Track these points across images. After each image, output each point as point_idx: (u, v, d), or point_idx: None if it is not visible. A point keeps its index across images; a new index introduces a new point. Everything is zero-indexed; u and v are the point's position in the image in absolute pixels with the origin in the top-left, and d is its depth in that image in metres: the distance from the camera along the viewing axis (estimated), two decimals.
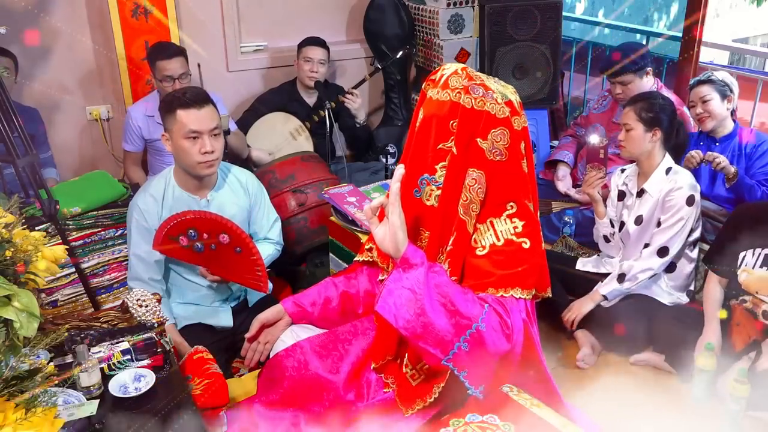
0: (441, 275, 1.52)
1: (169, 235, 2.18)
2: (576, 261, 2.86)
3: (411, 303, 1.45)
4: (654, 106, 2.55)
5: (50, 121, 3.57)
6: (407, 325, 1.44)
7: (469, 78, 1.57)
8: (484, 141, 1.56)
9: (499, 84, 1.62)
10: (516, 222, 1.59)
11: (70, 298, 2.57)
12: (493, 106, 1.56)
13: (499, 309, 1.54)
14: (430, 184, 1.61)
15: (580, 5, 11.03)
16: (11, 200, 1.49)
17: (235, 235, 2.19)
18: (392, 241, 1.50)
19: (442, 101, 1.58)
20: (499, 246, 1.58)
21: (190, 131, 2.16)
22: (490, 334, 1.50)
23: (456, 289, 1.52)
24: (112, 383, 1.57)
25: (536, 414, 1.60)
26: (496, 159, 1.57)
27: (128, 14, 3.54)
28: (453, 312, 1.48)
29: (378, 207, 1.53)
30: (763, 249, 2.30)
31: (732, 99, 2.82)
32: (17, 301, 1.23)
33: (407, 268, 1.48)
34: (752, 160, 2.80)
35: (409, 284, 1.46)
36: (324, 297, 1.91)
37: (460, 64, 1.62)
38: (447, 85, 1.58)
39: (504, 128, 1.57)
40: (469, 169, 1.58)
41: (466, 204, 1.58)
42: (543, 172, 3.59)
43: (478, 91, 1.56)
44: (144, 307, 1.82)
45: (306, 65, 3.63)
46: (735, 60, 7.31)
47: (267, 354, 1.90)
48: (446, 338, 1.47)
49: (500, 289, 1.56)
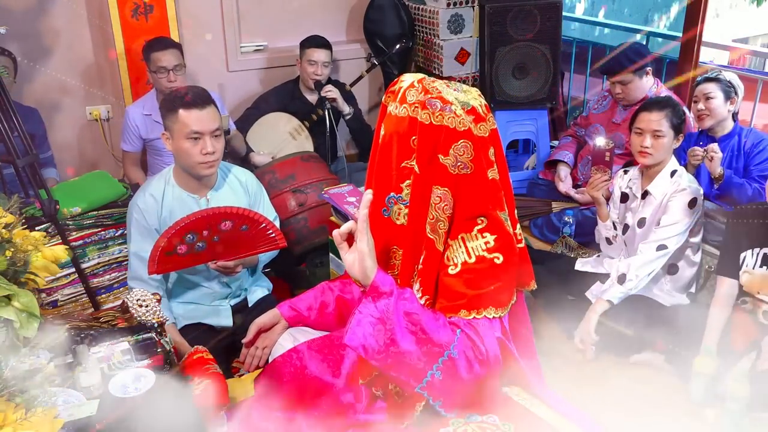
0: (412, 302, 1.49)
1: (166, 251, 2.16)
2: (575, 261, 2.86)
3: (380, 333, 1.42)
4: (679, 112, 2.55)
5: (50, 121, 3.57)
6: (377, 356, 1.42)
7: (425, 91, 1.50)
8: (446, 157, 1.50)
9: (459, 92, 1.55)
10: (487, 237, 1.53)
11: (70, 298, 2.57)
12: (452, 120, 1.49)
13: (471, 334, 1.50)
14: (397, 203, 1.57)
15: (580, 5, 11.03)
16: (11, 200, 1.49)
17: (237, 216, 2.18)
18: (361, 268, 1.46)
19: (400, 117, 1.52)
20: (471, 264, 1.53)
21: (191, 132, 2.16)
22: (463, 361, 1.47)
23: (427, 316, 1.49)
24: (112, 383, 1.57)
25: (536, 414, 1.60)
26: (461, 172, 1.51)
27: (128, 14, 3.55)
28: (424, 340, 1.45)
29: (347, 232, 1.49)
30: (762, 249, 2.30)
31: (735, 101, 2.82)
32: (17, 301, 1.23)
33: (376, 296, 1.45)
34: (750, 158, 2.80)
35: (378, 314, 1.43)
36: (320, 301, 1.91)
37: (418, 75, 1.56)
38: (405, 100, 1.52)
39: (466, 141, 1.50)
40: (434, 187, 1.53)
41: (433, 222, 1.54)
42: (543, 172, 3.59)
43: (436, 104, 1.49)
44: (144, 307, 1.82)
45: (310, 67, 3.61)
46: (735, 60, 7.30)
47: (266, 358, 1.90)
48: (418, 366, 1.44)
49: (473, 311, 1.52)
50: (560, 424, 1.58)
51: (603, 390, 2.39)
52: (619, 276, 2.51)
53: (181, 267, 2.24)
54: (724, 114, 2.82)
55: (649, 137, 2.52)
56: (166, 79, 3.19)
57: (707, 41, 3.60)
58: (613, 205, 2.77)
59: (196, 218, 2.15)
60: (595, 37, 8.30)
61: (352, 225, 1.49)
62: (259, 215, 2.23)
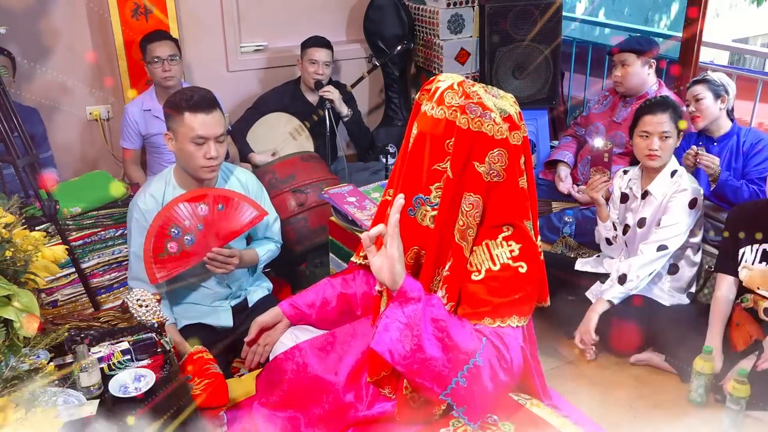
0: (439, 308, 1.48)
1: (158, 253, 2.14)
2: (575, 261, 2.86)
3: (407, 339, 1.41)
4: (679, 111, 2.57)
5: (50, 121, 3.57)
6: (403, 361, 1.41)
7: (465, 95, 1.49)
8: (481, 164, 1.50)
9: (497, 98, 1.54)
10: (512, 245, 1.53)
11: (70, 298, 2.57)
12: (491, 127, 1.48)
13: (497, 342, 1.49)
14: (425, 205, 1.56)
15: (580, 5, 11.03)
16: (11, 200, 1.49)
17: (210, 197, 2.17)
18: (389, 273, 1.45)
19: (436, 119, 1.51)
20: (495, 271, 1.52)
21: (197, 136, 2.14)
22: (488, 369, 1.47)
23: (453, 323, 1.48)
24: (112, 383, 1.57)
25: (536, 414, 1.60)
26: (493, 180, 1.51)
27: (128, 14, 3.55)
28: (450, 347, 1.44)
29: (375, 235, 1.47)
30: (761, 244, 2.30)
31: (726, 99, 2.82)
32: (17, 301, 1.23)
33: (404, 302, 1.44)
34: (748, 158, 2.81)
35: (405, 319, 1.42)
36: (322, 299, 1.90)
37: (457, 77, 1.55)
38: (442, 101, 1.50)
39: (502, 149, 1.49)
40: (465, 194, 1.52)
41: (463, 230, 1.53)
42: (543, 172, 3.59)
43: (476, 110, 1.48)
44: (144, 307, 1.82)
45: (311, 67, 3.61)
46: (735, 60, 7.31)
47: (267, 356, 1.90)
48: (443, 373, 1.43)
49: (497, 319, 1.51)
50: (560, 424, 1.57)
51: (603, 390, 2.39)
52: (620, 276, 2.51)
53: (180, 269, 2.21)
54: (715, 113, 2.82)
55: (656, 139, 2.51)
56: (161, 69, 3.21)
57: (707, 41, 3.60)
58: (612, 206, 2.77)
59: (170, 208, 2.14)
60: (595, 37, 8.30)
61: (382, 229, 1.47)
62: (227, 191, 2.21)
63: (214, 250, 2.22)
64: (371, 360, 1.66)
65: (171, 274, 2.19)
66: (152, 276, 2.15)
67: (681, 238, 2.50)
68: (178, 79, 3.28)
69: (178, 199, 2.17)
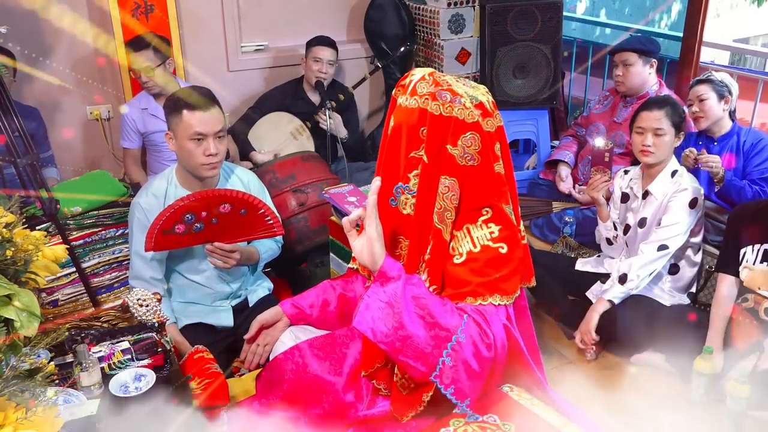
0: (419, 287, 1.51)
1: (164, 229, 2.16)
2: (576, 261, 2.86)
3: (389, 317, 1.44)
4: (679, 110, 2.56)
5: (51, 121, 3.58)
6: (385, 339, 1.44)
7: (435, 83, 1.55)
8: (454, 147, 1.54)
9: (468, 86, 1.60)
10: (492, 227, 1.57)
11: (70, 297, 2.57)
12: (462, 111, 1.53)
13: (478, 318, 1.53)
14: (404, 193, 1.61)
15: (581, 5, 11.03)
16: (11, 200, 1.49)
17: (237, 199, 2.18)
18: (369, 254, 1.49)
19: (410, 108, 1.56)
20: (476, 253, 1.56)
21: (195, 133, 2.16)
22: (470, 346, 1.49)
23: (434, 301, 1.51)
24: (113, 383, 1.57)
25: (536, 414, 1.60)
26: (468, 164, 1.55)
27: (129, 13, 3.55)
28: (432, 324, 1.47)
29: (356, 219, 1.52)
30: (762, 244, 2.30)
31: (730, 100, 2.82)
32: (18, 300, 1.23)
33: (385, 281, 1.48)
34: (749, 158, 2.80)
35: (386, 298, 1.45)
36: (322, 300, 1.91)
37: (428, 69, 1.60)
38: (415, 92, 1.56)
39: (474, 132, 1.54)
40: (441, 177, 1.56)
41: (441, 212, 1.57)
42: (543, 172, 3.59)
43: (446, 96, 1.53)
44: (144, 306, 1.82)
45: (315, 65, 3.62)
46: (735, 60, 7.31)
47: (267, 356, 1.90)
48: (426, 351, 1.46)
49: (478, 298, 1.55)
50: (561, 423, 1.58)
51: (603, 390, 2.38)
52: (620, 276, 2.51)
53: (178, 246, 2.23)
54: (718, 114, 2.82)
55: (650, 135, 2.52)
56: (140, 79, 3.22)
57: (708, 41, 3.60)
58: (613, 206, 2.77)
59: (195, 198, 2.14)
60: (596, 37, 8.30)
61: (360, 212, 1.52)
62: (259, 200, 2.23)
63: (216, 244, 2.23)
64: (364, 351, 1.69)
65: (166, 248, 2.22)
66: (149, 243, 2.16)
67: (681, 237, 2.50)
68: (162, 86, 3.22)
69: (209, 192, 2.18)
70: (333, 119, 3.52)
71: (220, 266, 2.29)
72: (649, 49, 3.13)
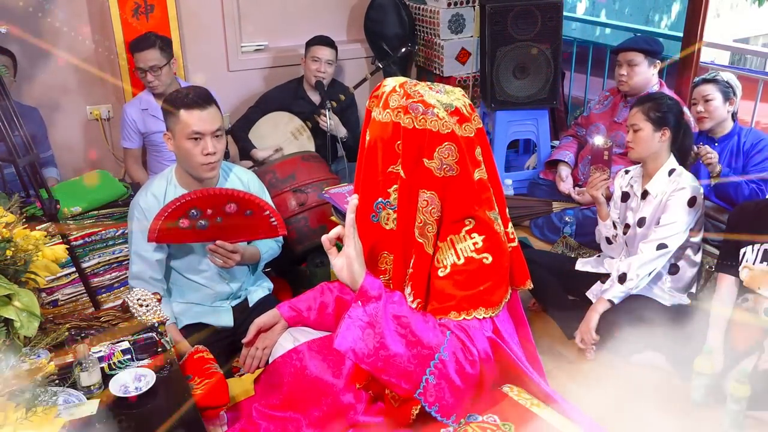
0: (401, 305, 1.49)
1: (168, 221, 2.16)
2: (576, 261, 2.86)
3: (369, 337, 1.43)
4: (662, 106, 2.54)
5: (51, 121, 3.58)
6: (367, 359, 1.43)
7: (407, 95, 1.51)
8: (430, 160, 1.51)
9: (442, 93, 1.55)
10: (475, 237, 1.54)
11: (70, 297, 2.57)
12: (435, 123, 1.49)
13: (461, 335, 1.51)
14: (386, 208, 1.58)
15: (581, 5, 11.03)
16: (12, 200, 1.49)
17: (243, 200, 2.19)
18: (349, 272, 1.47)
19: (384, 122, 1.53)
20: (459, 265, 1.54)
21: (192, 132, 2.16)
22: (453, 364, 1.48)
23: (416, 318, 1.49)
24: (113, 383, 1.57)
25: (536, 414, 1.60)
26: (447, 174, 1.52)
27: (129, 13, 3.55)
28: (414, 342, 1.46)
29: (335, 237, 1.50)
30: (762, 244, 2.30)
31: (734, 102, 2.82)
32: (18, 300, 1.23)
33: (365, 300, 1.46)
34: (749, 157, 2.80)
35: (367, 318, 1.44)
36: (320, 302, 1.91)
37: (400, 79, 1.56)
38: (387, 105, 1.52)
39: (450, 143, 1.50)
40: (420, 191, 1.53)
41: (421, 226, 1.54)
42: (544, 172, 3.59)
43: (418, 108, 1.49)
44: (144, 306, 1.82)
45: (314, 65, 3.62)
46: (736, 60, 7.31)
47: (266, 359, 1.90)
48: (409, 369, 1.45)
49: (462, 312, 1.53)
50: (561, 424, 1.57)
51: (603, 390, 2.38)
52: (620, 275, 2.51)
53: (180, 241, 2.24)
54: (723, 115, 2.82)
55: (630, 131, 2.58)
56: (144, 78, 3.24)
57: (708, 41, 3.60)
58: (613, 205, 2.77)
59: (202, 195, 2.16)
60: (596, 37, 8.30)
61: (340, 230, 1.49)
62: (264, 202, 2.24)
63: (218, 243, 2.24)
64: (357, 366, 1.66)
65: (168, 241, 2.23)
66: (151, 234, 2.17)
67: (681, 236, 2.50)
68: (167, 85, 3.25)
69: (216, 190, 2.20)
70: (332, 119, 3.52)
71: (221, 265, 2.29)
72: (655, 50, 3.13)
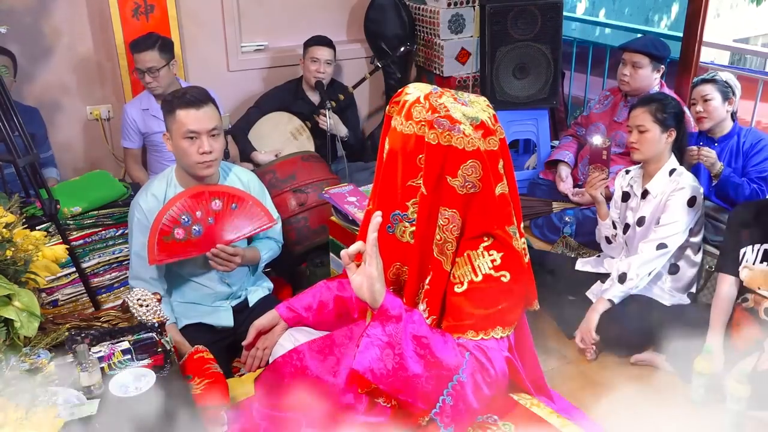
0: (420, 324, 1.46)
1: (163, 236, 2.16)
2: (576, 261, 2.86)
3: (389, 357, 1.41)
4: (668, 107, 2.54)
5: (51, 121, 3.57)
6: (386, 380, 1.41)
7: (432, 109, 1.46)
8: (454, 178, 1.47)
9: (467, 105, 1.51)
10: (494, 254, 1.51)
11: (70, 297, 2.57)
12: (461, 140, 1.45)
13: (480, 357, 1.49)
14: (402, 221, 1.55)
15: (581, 5, 11.03)
16: (12, 200, 1.49)
17: (225, 194, 2.20)
18: (369, 291, 1.43)
19: (406, 134, 1.49)
20: (477, 282, 1.50)
21: (188, 131, 2.17)
22: (471, 385, 1.47)
23: (436, 339, 1.47)
24: (113, 383, 1.57)
25: (536, 414, 1.60)
26: (469, 192, 1.49)
27: (129, 14, 3.55)
28: (433, 364, 1.44)
29: (354, 253, 1.45)
30: (762, 244, 2.30)
31: (733, 101, 2.82)
32: (18, 300, 1.23)
33: (385, 320, 1.43)
34: (748, 158, 2.80)
35: (386, 338, 1.42)
36: (318, 301, 1.90)
37: (425, 89, 1.51)
38: (410, 116, 1.48)
39: (475, 160, 1.46)
40: (441, 208, 1.50)
41: (441, 244, 1.52)
42: (543, 172, 3.59)
43: (444, 124, 1.45)
44: (144, 306, 1.82)
45: (313, 65, 3.62)
46: (735, 60, 7.30)
47: (266, 359, 1.90)
48: (427, 389, 1.43)
49: (480, 332, 1.50)
50: (561, 424, 1.58)
51: (603, 390, 2.38)
52: (620, 275, 2.51)
53: (181, 256, 2.22)
54: (722, 115, 2.82)
55: (635, 132, 2.56)
56: (143, 80, 3.23)
57: (707, 41, 3.60)
58: (613, 205, 2.77)
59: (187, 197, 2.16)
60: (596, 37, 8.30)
61: (360, 246, 1.44)
62: (244, 193, 2.26)
63: (219, 246, 2.24)
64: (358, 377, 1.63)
65: (170, 259, 2.21)
66: (152, 256, 2.16)
67: (681, 236, 2.50)
68: (165, 86, 3.23)
69: (197, 188, 2.20)
70: (331, 119, 3.52)
71: (222, 270, 2.29)
72: (662, 55, 3.13)
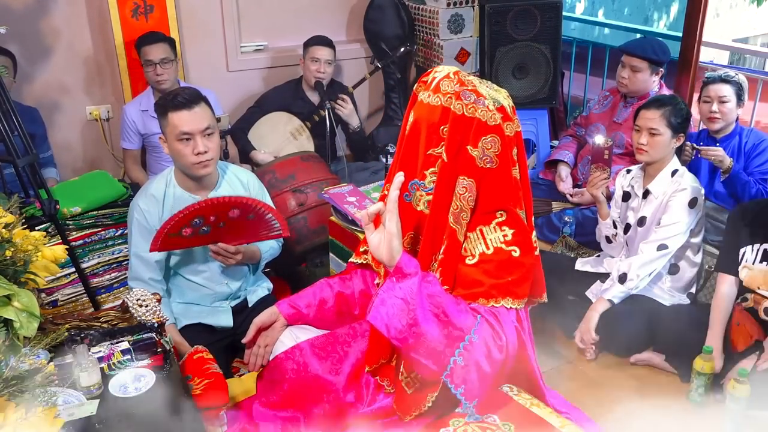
0: (434, 285, 1.51)
1: (170, 233, 2.17)
2: (575, 261, 2.86)
3: (403, 313, 1.44)
4: (682, 111, 2.53)
5: (50, 121, 3.57)
6: (399, 335, 1.44)
7: (460, 83, 1.54)
8: (474, 149, 1.53)
9: (491, 89, 1.60)
10: (506, 230, 1.56)
11: (70, 297, 2.57)
12: (485, 113, 1.53)
13: (491, 320, 1.52)
14: (419, 189, 1.60)
15: (580, 5, 11.03)
16: (11, 200, 1.49)
17: (246, 205, 2.19)
18: (387, 249, 1.49)
19: (432, 106, 1.55)
20: (488, 254, 1.55)
21: (181, 133, 2.17)
22: (483, 347, 1.49)
23: (449, 300, 1.51)
24: (112, 383, 1.57)
25: (536, 414, 1.60)
26: (486, 166, 1.54)
27: (128, 14, 3.55)
28: (446, 323, 1.47)
29: (374, 213, 1.51)
30: (762, 244, 2.30)
31: (743, 104, 2.82)
32: (17, 300, 1.23)
33: (401, 277, 1.47)
34: (750, 158, 2.80)
35: (402, 294, 1.45)
36: (319, 298, 1.90)
37: (453, 68, 1.59)
38: (438, 89, 1.55)
39: (495, 135, 1.53)
40: (459, 177, 1.55)
41: (457, 212, 1.56)
42: (543, 172, 3.59)
43: (470, 97, 1.53)
44: (144, 306, 1.82)
45: (313, 65, 3.62)
46: (735, 60, 7.31)
47: (268, 357, 1.90)
48: (438, 349, 1.46)
49: (491, 299, 1.54)
50: (560, 424, 1.58)
51: (603, 390, 2.39)
52: (620, 275, 2.51)
53: (182, 247, 2.25)
54: (734, 117, 2.81)
55: (645, 134, 2.53)
56: (153, 72, 3.25)
57: (707, 41, 3.60)
58: (614, 204, 2.77)
59: (206, 205, 2.15)
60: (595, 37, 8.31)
61: (380, 206, 1.51)
62: (265, 205, 2.25)
63: (220, 245, 2.25)
64: (370, 346, 1.69)
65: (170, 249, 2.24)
66: (154, 245, 2.17)
67: (681, 237, 2.50)
68: (173, 81, 3.27)
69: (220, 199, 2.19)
70: (345, 108, 3.51)
71: (220, 261, 2.31)
72: (661, 60, 3.12)
